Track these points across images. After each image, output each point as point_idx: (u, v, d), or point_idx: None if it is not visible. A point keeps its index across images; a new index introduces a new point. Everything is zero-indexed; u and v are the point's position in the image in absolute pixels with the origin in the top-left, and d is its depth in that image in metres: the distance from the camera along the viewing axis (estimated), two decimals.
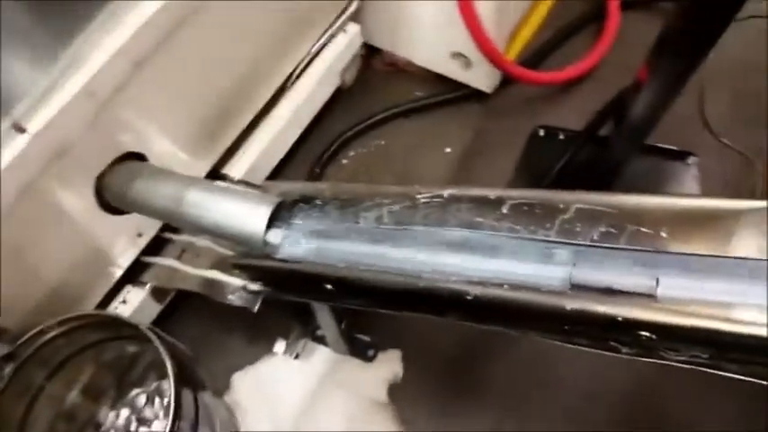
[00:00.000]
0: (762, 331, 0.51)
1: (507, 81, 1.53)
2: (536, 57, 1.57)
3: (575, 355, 1.15)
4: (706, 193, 1.32)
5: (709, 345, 0.57)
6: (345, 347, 1.14)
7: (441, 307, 0.72)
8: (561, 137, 1.43)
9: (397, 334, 1.21)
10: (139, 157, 0.99)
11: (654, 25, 0.96)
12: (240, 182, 1.18)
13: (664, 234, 0.60)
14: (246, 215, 0.82)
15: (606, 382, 1.15)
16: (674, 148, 1.37)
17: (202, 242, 1.08)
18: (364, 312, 1.17)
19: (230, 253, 0.96)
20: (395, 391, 1.16)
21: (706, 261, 0.56)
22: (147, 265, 1.10)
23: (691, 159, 1.36)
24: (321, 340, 1.17)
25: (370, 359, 1.18)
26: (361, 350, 1.18)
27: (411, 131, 1.52)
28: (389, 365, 1.17)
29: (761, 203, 0.55)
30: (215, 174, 1.19)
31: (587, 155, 1.35)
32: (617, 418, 1.12)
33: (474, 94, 1.53)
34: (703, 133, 1.26)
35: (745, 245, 0.56)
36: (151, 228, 1.08)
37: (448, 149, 1.48)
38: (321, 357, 1.18)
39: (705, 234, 0.58)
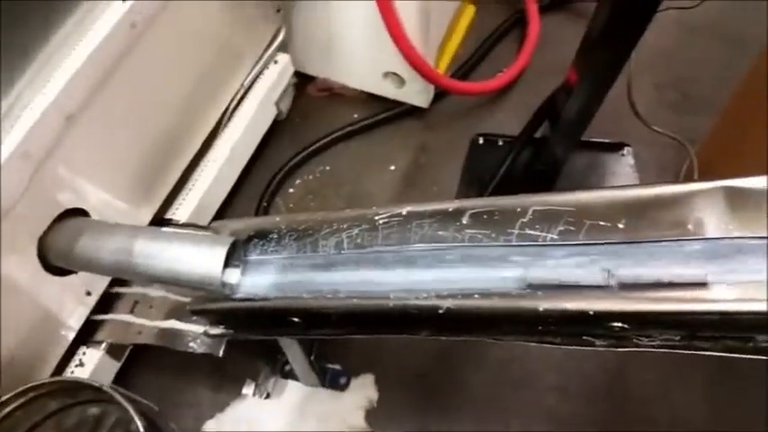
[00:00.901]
0: (731, 307, 0.53)
1: (442, 94, 1.56)
2: (466, 68, 1.61)
3: (543, 353, 1.18)
4: (644, 180, 1.37)
5: (681, 326, 0.59)
6: (317, 379, 1.11)
7: (413, 325, 0.72)
8: (500, 143, 1.46)
9: (367, 358, 1.19)
10: (80, 212, 0.95)
11: (572, 25, 1.00)
12: (187, 224, 1.14)
13: (621, 225, 0.61)
14: (201, 259, 0.79)
15: (575, 375, 1.17)
16: (609, 140, 1.42)
17: (156, 292, 1.05)
18: (332, 341, 1.16)
19: (186, 299, 0.93)
20: (372, 415, 1.14)
21: (665, 245, 0.58)
22: (99, 323, 1.05)
23: (626, 150, 1.41)
24: (291, 375, 1.14)
25: (343, 387, 1.16)
26: (333, 380, 1.16)
27: (354, 153, 1.52)
28: (364, 391, 1.16)
29: (711, 184, 0.57)
30: (160, 219, 1.15)
31: (527, 157, 1.39)
32: (590, 409, 1.14)
33: (411, 111, 1.55)
34: (634, 123, 1.31)
35: (701, 226, 0.58)
36: (99, 284, 1.03)
37: (392, 167, 1.48)
38: (293, 393, 1.15)
39: (661, 220, 0.60)
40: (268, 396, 1.11)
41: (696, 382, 1.16)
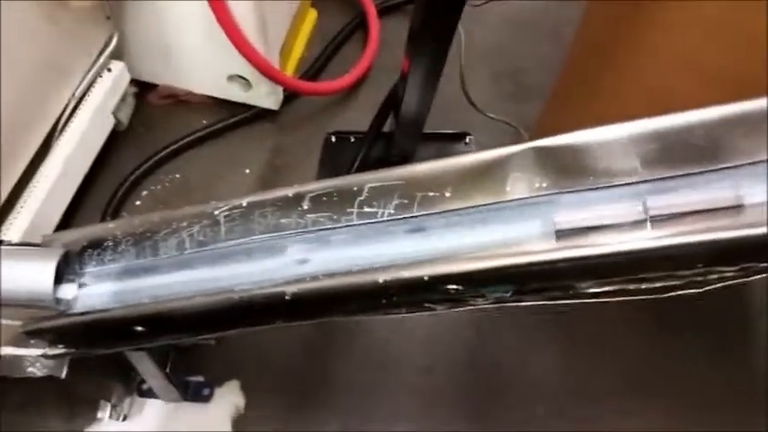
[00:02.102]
0: (548, 257, 0.58)
1: (292, 96, 1.56)
2: (313, 70, 1.62)
3: (406, 336, 1.22)
4: None
5: (509, 281, 0.63)
6: (177, 394, 1.06)
7: (263, 315, 0.71)
8: (352, 139, 1.49)
9: (229, 365, 1.16)
10: None
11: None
12: (18, 244, 1.05)
13: (447, 194, 0.65)
14: (29, 275, 0.73)
15: (438, 353, 1.22)
16: (452, 131, 1.50)
17: None
18: (190, 351, 1.12)
19: (19, 323, 0.85)
20: (241, 422, 1.11)
21: (484, 209, 0.63)
22: None
23: (468, 139, 1.50)
24: (149, 393, 1.08)
25: (207, 399, 1.11)
26: (195, 392, 1.11)
27: (206, 160, 1.48)
28: (229, 399, 1.12)
29: (524, 145, 0.62)
30: None
31: (379, 152, 1.43)
32: (456, 383, 1.20)
33: (263, 113, 1.54)
34: (472, 113, 1.40)
35: (518, 186, 0.63)
36: None
37: (247, 170, 1.46)
38: (153, 412, 1.09)
39: (483, 185, 0.64)
40: (125, 418, 1.05)
41: (551, 350, 1.25)
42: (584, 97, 1.14)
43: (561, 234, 0.60)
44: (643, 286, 0.61)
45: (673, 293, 0.60)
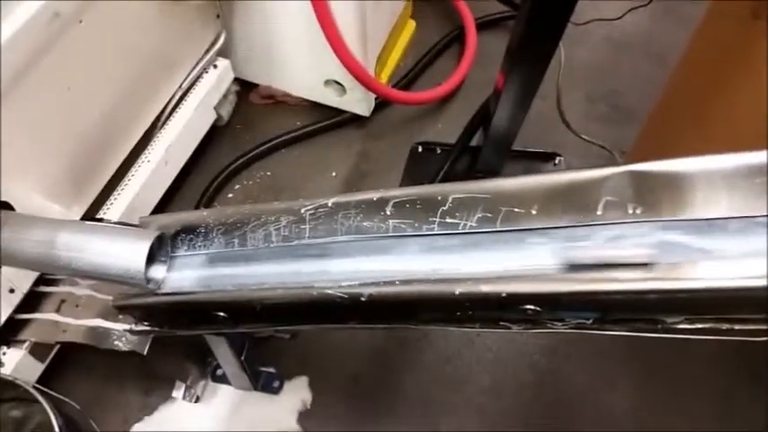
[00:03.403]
0: (637, 286, 0.55)
1: (383, 104, 1.59)
2: (407, 79, 1.64)
3: (477, 355, 1.20)
4: None
5: (591, 308, 0.61)
6: (249, 383, 1.10)
7: (338, 314, 0.72)
8: (438, 151, 1.49)
9: (301, 361, 1.18)
10: (4, 206, 0.92)
11: (506, 41, 1.05)
12: (117, 223, 1.12)
13: (534, 211, 0.63)
14: (124, 252, 0.77)
15: (507, 376, 1.20)
16: (542, 150, 1.47)
17: (82, 291, 1.02)
18: (265, 343, 1.15)
19: (110, 298, 0.91)
20: (306, 419, 1.13)
21: (577, 229, 0.61)
22: (24, 323, 1.02)
23: (558, 159, 1.46)
24: (223, 379, 1.12)
25: (276, 391, 1.14)
26: (266, 383, 1.14)
27: (296, 160, 1.52)
28: (297, 394, 1.14)
29: (620, 168, 0.59)
30: (90, 219, 1.12)
31: (465, 165, 1.42)
32: (522, 408, 1.16)
33: (353, 119, 1.57)
34: (565, 134, 1.36)
35: (611, 209, 0.60)
36: (24, 281, 1.00)
37: (333, 173, 1.49)
38: (224, 397, 1.13)
39: (572, 206, 0.62)
40: (197, 400, 1.09)
41: (623, 384, 1.19)
42: (689, 121, 1.08)
43: (653, 265, 0.57)
44: (736, 327, 0.57)
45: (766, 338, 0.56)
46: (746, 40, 0.89)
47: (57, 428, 0.76)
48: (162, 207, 1.32)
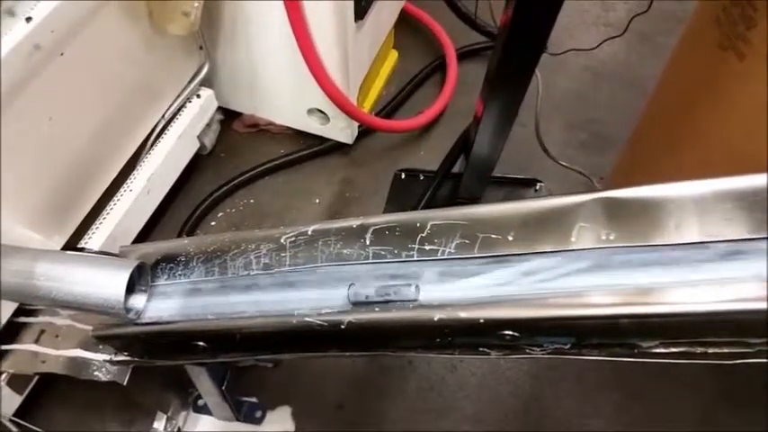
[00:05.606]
0: (608, 311, 0.56)
1: (366, 132, 1.60)
2: (390, 107, 1.66)
3: (461, 381, 1.20)
4: None
5: (567, 333, 0.61)
6: (231, 413, 1.08)
7: (318, 342, 0.72)
8: (421, 177, 1.51)
9: (283, 390, 1.17)
10: None
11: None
12: (98, 252, 1.11)
13: (510, 238, 0.64)
14: (104, 282, 0.77)
15: (490, 404, 1.19)
16: (523, 177, 1.49)
17: (62, 321, 1.01)
18: (247, 372, 1.14)
19: (90, 328, 0.90)
20: None
21: (546, 256, 0.62)
22: (2, 354, 1.00)
23: (538, 185, 1.48)
24: (204, 409, 1.11)
25: (258, 421, 1.13)
26: (248, 413, 1.13)
27: (279, 187, 1.53)
28: (280, 424, 1.13)
29: (594, 195, 0.60)
30: (71, 248, 1.12)
31: (447, 192, 1.44)
32: None
33: (337, 147, 1.59)
34: (544, 160, 1.38)
35: (584, 236, 0.61)
36: (2, 312, 0.99)
37: (317, 200, 1.50)
38: (206, 428, 1.11)
39: (547, 232, 0.63)
40: (179, 431, 1.07)
41: (607, 409, 1.19)
42: (663, 148, 1.11)
43: (622, 289, 0.58)
44: (710, 350, 0.58)
45: (741, 361, 0.57)
46: (715, 69, 0.92)
47: None
48: (144, 235, 1.32)
